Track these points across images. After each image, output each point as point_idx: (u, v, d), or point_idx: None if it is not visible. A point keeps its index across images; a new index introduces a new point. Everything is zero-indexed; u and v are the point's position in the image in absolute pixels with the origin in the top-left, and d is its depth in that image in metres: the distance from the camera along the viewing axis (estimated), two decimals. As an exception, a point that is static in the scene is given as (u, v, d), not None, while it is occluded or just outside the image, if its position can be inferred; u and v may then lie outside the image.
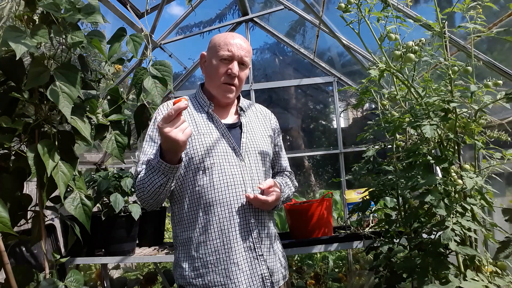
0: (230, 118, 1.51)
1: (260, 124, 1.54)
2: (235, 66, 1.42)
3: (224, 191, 1.35)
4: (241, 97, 1.58)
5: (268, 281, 1.36)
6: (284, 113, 3.80)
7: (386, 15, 1.34)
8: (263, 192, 1.38)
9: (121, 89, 1.92)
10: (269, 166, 1.50)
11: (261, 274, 1.35)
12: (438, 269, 1.28)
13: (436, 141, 1.41)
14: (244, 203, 1.36)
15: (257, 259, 1.35)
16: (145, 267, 4.12)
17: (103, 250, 2.58)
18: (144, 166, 1.35)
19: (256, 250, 1.36)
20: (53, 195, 1.57)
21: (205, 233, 1.34)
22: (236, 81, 1.44)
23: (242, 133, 1.45)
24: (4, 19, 1.48)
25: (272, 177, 1.57)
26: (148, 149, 1.40)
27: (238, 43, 1.43)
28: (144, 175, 1.32)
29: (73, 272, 1.53)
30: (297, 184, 1.66)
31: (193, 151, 1.37)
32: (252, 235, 1.36)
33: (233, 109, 1.54)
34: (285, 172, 1.62)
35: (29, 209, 1.59)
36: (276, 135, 1.59)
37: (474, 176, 1.25)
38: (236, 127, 1.48)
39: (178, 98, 1.17)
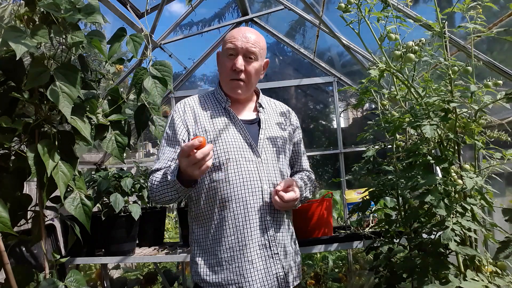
0: (249, 114, 1.49)
1: (279, 121, 1.52)
2: (239, 60, 1.39)
3: (240, 187, 1.33)
4: (260, 93, 1.56)
5: (283, 280, 1.34)
6: (284, 113, 3.79)
7: (386, 15, 1.34)
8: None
9: (121, 89, 1.91)
10: (286, 164, 1.48)
11: (276, 273, 1.33)
12: (438, 269, 1.28)
13: (436, 141, 1.41)
14: (260, 200, 1.34)
15: (272, 258, 1.33)
16: (145, 267, 4.12)
17: (103, 250, 2.58)
18: (159, 174, 1.35)
19: (272, 249, 1.34)
20: (53, 195, 1.57)
21: (220, 229, 1.33)
22: (242, 75, 1.41)
23: (260, 129, 1.44)
24: (5, 20, 1.48)
25: (290, 176, 1.55)
26: (166, 148, 1.41)
27: (243, 35, 1.40)
28: (158, 184, 1.32)
29: (73, 272, 1.53)
30: (317, 184, 1.64)
31: None
32: (268, 233, 1.34)
33: (252, 105, 1.53)
34: (305, 172, 1.59)
35: (29, 209, 1.59)
36: (296, 133, 1.57)
37: (474, 176, 1.25)
38: (254, 123, 1.46)
39: (196, 136, 1.22)
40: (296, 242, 1.51)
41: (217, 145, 1.36)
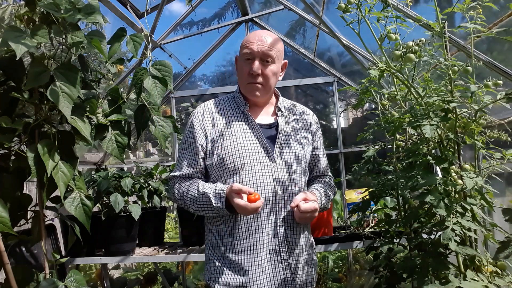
0: (267, 118, 1.49)
1: (298, 125, 1.51)
2: (255, 64, 1.39)
3: None
4: (280, 96, 1.54)
5: (291, 285, 1.34)
6: (284, 113, 3.79)
7: (386, 15, 1.34)
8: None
9: (121, 89, 1.91)
10: (304, 169, 1.46)
11: (284, 278, 1.33)
12: (438, 269, 1.28)
13: (436, 141, 1.41)
14: (273, 205, 1.35)
15: (281, 263, 1.33)
16: (145, 267, 4.12)
17: (103, 250, 2.58)
18: (191, 186, 1.39)
19: (281, 254, 1.34)
20: (53, 195, 1.57)
21: (233, 233, 1.35)
22: (260, 79, 1.41)
23: (278, 133, 1.43)
24: (6, 21, 1.48)
25: (309, 181, 1.55)
26: (187, 153, 1.44)
27: (258, 39, 1.40)
28: (194, 199, 1.37)
29: (73, 272, 1.53)
30: (336, 190, 1.60)
31: (225, 151, 1.37)
32: (279, 238, 1.34)
33: (271, 109, 1.52)
34: (325, 178, 1.58)
35: (29, 209, 1.59)
36: (316, 137, 1.55)
37: (474, 176, 1.25)
38: (272, 128, 1.46)
39: (254, 194, 1.27)
40: (313, 249, 1.50)
41: (233, 150, 1.37)
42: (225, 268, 1.35)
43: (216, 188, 1.34)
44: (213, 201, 1.31)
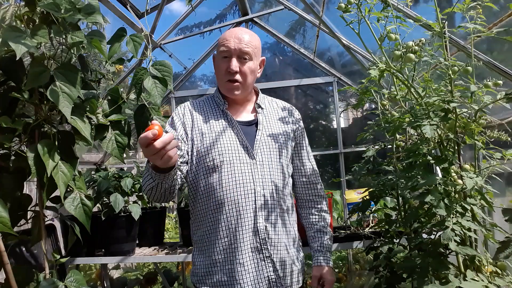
0: (247, 116, 1.49)
1: (280, 121, 1.50)
2: (233, 62, 1.39)
3: (233, 189, 1.33)
4: (260, 93, 1.55)
5: (275, 283, 1.33)
6: (284, 113, 3.79)
7: (386, 15, 1.34)
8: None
9: (121, 89, 1.91)
10: (286, 164, 1.46)
11: (268, 276, 1.32)
12: (438, 269, 1.28)
13: (436, 141, 1.41)
14: (252, 202, 1.34)
15: (264, 261, 1.33)
16: (145, 267, 4.13)
17: (103, 250, 2.58)
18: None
19: (263, 252, 1.33)
20: (53, 195, 1.57)
21: (215, 232, 1.34)
22: (238, 76, 1.40)
23: (258, 130, 1.43)
24: (7, 21, 1.48)
25: (298, 197, 1.56)
26: None
27: (235, 36, 1.39)
28: (143, 173, 1.32)
29: (73, 272, 1.53)
30: (327, 204, 1.60)
31: (204, 149, 1.37)
32: (260, 235, 1.33)
33: (250, 106, 1.52)
34: (316, 206, 1.56)
35: (29, 209, 1.59)
36: (298, 133, 1.54)
37: (474, 176, 1.25)
38: (252, 125, 1.46)
39: (151, 125, 1.08)
40: (299, 245, 1.50)
41: (213, 148, 1.37)
42: (209, 269, 1.34)
43: None
44: (146, 166, 1.25)
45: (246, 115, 1.49)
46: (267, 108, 1.52)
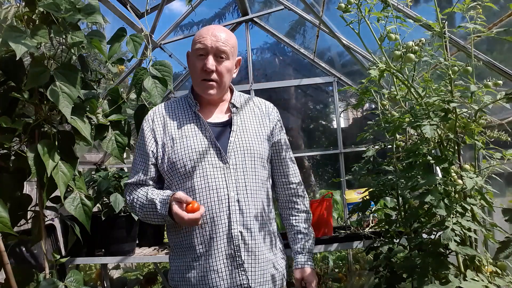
0: (220, 117, 1.42)
1: (256, 121, 1.43)
2: (209, 60, 1.32)
3: (206, 195, 1.29)
4: (235, 92, 1.47)
5: None
6: (284, 113, 3.80)
7: (386, 15, 1.34)
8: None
9: (121, 89, 1.92)
10: (262, 165, 1.39)
11: (241, 284, 1.28)
12: (438, 269, 1.28)
13: (436, 141, 1.41)
14: (226, 208, 1.29)
15: (237, 269, 1.28)
16: (145, 267, 4.12)
17: (103, 250, 2.57)
18: (140, 193, 1.36)
19: (236, 259, 1.28)
20: (53, 195, 1.57)
21: (189, 238, 1.31)
22: (214, 75, 1.34)
23: (232, 132, 1.36)
24: (9, 21, 1.48)
25: (280, 204, 1.50)
26: (139, 159, 1.40)
27: (212, 34, 1.33)
28: (142, 206, 1.34)
29: (73, 272, 1.53)
30: (310, 215, 1.52)
31: (175, 155, 1.32)
32: (234, 242, 1.28)
33: (224, 106, 1.45)
34: (296, 208, 1.48)
35: (29, 209, 1.59)
36: (276, 130, 1.46)
37: (474, 176, 1.25)
38: (226, 126, 1.39)
39: (192, 204, 1.24)
40: (280, 250, 1.43)
41: (184, 154, 1.32)
42: (185, 275, 1.31)
43: (163, 194, 1.30)
44: (158, 207, 1.28)
45: (220, 116, 1.42)
46: (243, 108, 1.44)
